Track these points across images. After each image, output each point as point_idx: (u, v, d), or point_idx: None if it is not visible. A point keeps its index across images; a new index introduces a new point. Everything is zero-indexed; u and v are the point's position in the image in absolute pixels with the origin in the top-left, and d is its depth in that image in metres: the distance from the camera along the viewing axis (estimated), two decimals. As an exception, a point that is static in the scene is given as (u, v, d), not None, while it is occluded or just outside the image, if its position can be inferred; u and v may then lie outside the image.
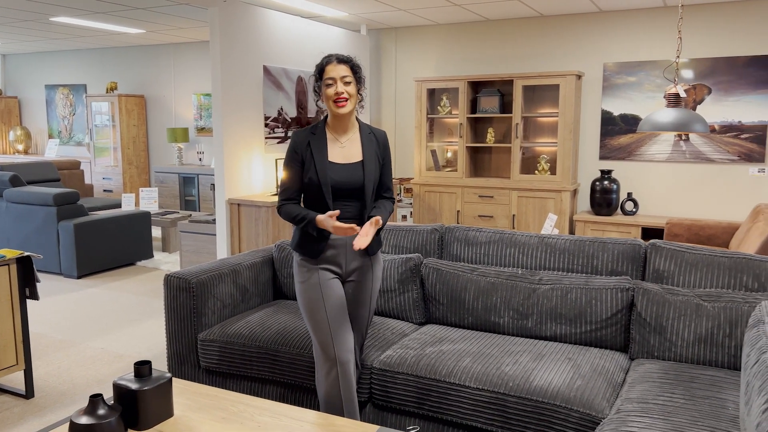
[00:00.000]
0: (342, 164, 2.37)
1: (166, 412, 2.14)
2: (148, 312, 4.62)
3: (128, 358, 3.74)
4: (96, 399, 2.00)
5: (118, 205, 7.31)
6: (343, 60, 2.32)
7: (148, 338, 4.08)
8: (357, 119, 2.47)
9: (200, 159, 8.63)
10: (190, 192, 8.36)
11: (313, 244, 2.38)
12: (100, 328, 4.26)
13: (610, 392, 2.27)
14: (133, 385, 2.07)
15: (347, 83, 2.31)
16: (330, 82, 2.31)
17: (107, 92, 8.88)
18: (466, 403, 2.35)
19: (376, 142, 2.45)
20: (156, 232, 7.75)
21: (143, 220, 6.12)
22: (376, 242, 2.47)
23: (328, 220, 2.25)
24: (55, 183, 7.35)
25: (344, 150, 2.40)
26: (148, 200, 7.07)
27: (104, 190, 8.98)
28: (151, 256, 6.24)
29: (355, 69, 2.34)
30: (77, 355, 3.78)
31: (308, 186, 2.38)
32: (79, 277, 5.55)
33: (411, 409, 2.48)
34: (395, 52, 7.13)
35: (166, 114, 8.95)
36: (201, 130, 8.66)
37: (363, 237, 2.23)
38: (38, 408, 3.06)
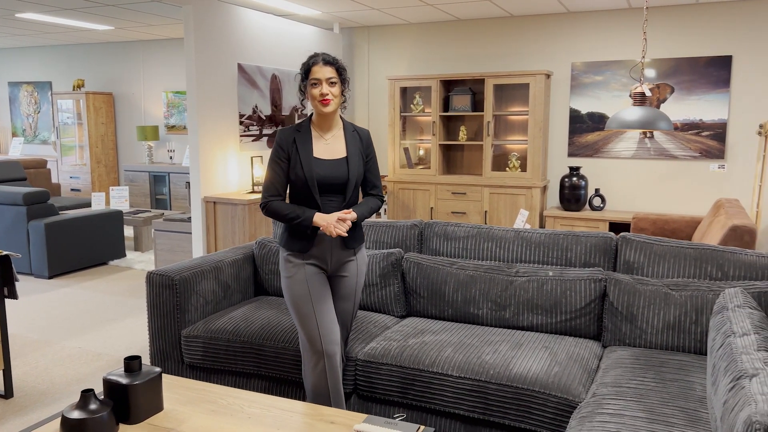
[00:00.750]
0: (327, 160, 2.42)
1: (156, 407, 2.17)
2: (124, 311, 4.60)
3: (107, 356, 3.73)
4: (87, 394, 2.02)
5: (88, 205, 7.21)
6: (329, 62, 2.37)
7: (126, 337, 4.06)
8: (341, 117, 2.54)
9: (171, 157, 8.55)
10: (161, 190, 8.28)
11: (302, 240, 2.43)
12: (76, 328, 4.23)
13: (585, 378, 2.38)
14: (124, 380, 2.10)
15: (332, 84, 2.36)
16: (315, 82, 2.36)
17: (74, 89, 8.73)
18: (449, 391, 2.43)
19: (359, 139, 2.51)
20: (128, 231, 7.66)
21: (115, 219, 6.06)
22: (357, 237, 2.53)
23: (327, 217, 2.35)
24: (22, 182, 7.21)
25: (329, 146, 2.45)
26: (119, 199, 7.00)
27: (72, 189, 8.83)
28: (124, 255, 6.18)
29: (340, 71, 2.39)
30: (54, 354, 3.75)
31: (294, 182, 2.42)
32: (50, 277, 5.47)
33: (395, 398, 2.56)
34: (368, 51, 7.19)
35: (135, 112, 8.84)
36: (171, 128, 8.58)
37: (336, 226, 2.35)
38: (19, 407, 3.04)
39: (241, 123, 5.50)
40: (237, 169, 5.49)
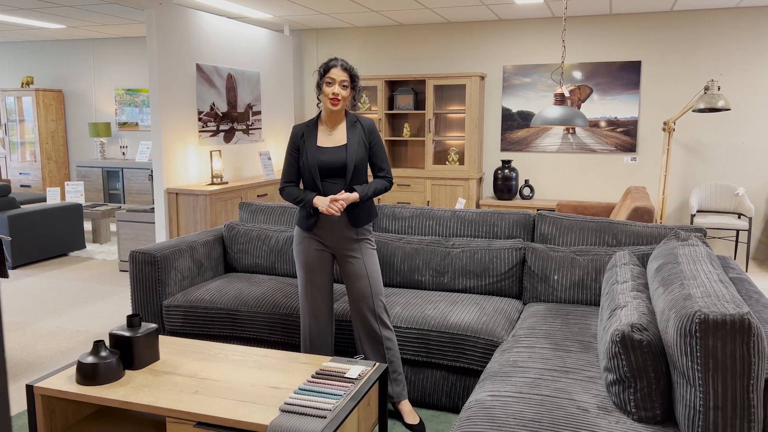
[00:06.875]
0: (328, 148, 2.79)
1: (155, 356, 2.58)
2: (93, 295, 4.90)
3: (85, 333, 4.06)
4: (99, 343, 2.42)
5: (42, 200, 7.36)
6: (346, 68, 2.74)
7: (99, 316, 4.39)
8: (348, 113, 2.86)
9: (124, 153, 8.74)
10: (114, 186, 8.48)
11: (308, 220, 2.83)
12: (49, 310, 4.52)
13: (508, 325, 2.94)
14: (127, 333, 2.51)
15: (344, 87, 2.73)
16: (330, 81, 2.71)
17: (23, 86, 8.79)
18: (398, 339, 2.94)
19: (361, 128, 2.83)
20: (86, 225, 7.83)
21: (75, 211, 6.30)
22: (362, 215, 2.82)
23: (324, 200, 2.72)
24: (-26, 178, 7.29)
25: (332, 137, 2.82)
26: (74, 194, 7.19)
27: (21, 186, 8.89)
28: (84, 246, 6.42)
29: (353, 78, 2.76)
30: (34, 333, 4.05)
31: (303, 169, 2.82)
32: (13, 268, 5.67)
33: (355, 350, 3.05)
34: (317, 52, 7.63)
35: (86, 109, 8.97)
36: (123, 124, 8.77)
37: (332, 204, 2.70)
38: (11, 375, 3.36)
39: (200, 119, 5.86)
40: (197, 162, 5.84)
